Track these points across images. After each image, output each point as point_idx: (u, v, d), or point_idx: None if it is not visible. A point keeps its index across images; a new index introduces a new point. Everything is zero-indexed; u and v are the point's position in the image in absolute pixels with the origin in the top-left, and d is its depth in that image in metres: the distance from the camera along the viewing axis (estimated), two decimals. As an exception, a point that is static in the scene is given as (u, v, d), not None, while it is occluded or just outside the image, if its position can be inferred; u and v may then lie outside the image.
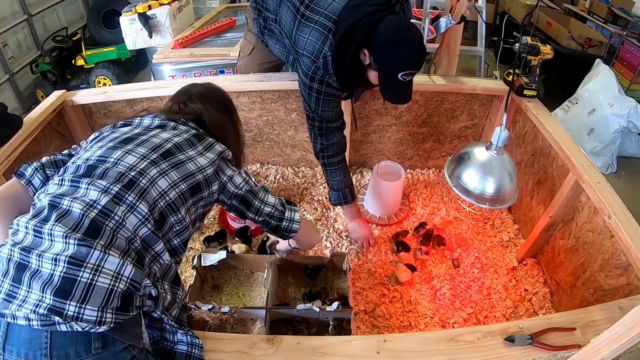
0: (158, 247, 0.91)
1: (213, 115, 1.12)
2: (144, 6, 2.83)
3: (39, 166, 1.01)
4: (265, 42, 1.75)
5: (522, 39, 1.62)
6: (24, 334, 0.75)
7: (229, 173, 1.07)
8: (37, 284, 0.76)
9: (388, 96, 1.43)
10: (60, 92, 1.84)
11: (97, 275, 0.77)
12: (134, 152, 0.94)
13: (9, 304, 0.75)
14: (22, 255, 0.79)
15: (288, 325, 1.45)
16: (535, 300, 1.60)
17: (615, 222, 1.20)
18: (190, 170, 0.97)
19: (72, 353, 0.76)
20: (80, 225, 0.81)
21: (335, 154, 1.62)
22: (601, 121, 2.86)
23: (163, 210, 0.92)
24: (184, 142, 1.00)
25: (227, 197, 1.09)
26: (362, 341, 1.02)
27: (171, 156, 0.96)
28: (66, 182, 0.89)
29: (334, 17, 1.35)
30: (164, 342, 0.98)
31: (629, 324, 0.75)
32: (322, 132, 1.56)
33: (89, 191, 0.86)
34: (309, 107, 1.51)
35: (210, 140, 1.05)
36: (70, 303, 0.75)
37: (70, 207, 0.83)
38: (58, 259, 0.77)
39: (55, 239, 0.79)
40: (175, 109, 1.11)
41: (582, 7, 3.89)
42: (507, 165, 1.35)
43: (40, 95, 3.68)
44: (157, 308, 0.89)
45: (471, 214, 1.75)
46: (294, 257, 1.68)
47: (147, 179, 0.90)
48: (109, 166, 0.90)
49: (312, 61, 1.39)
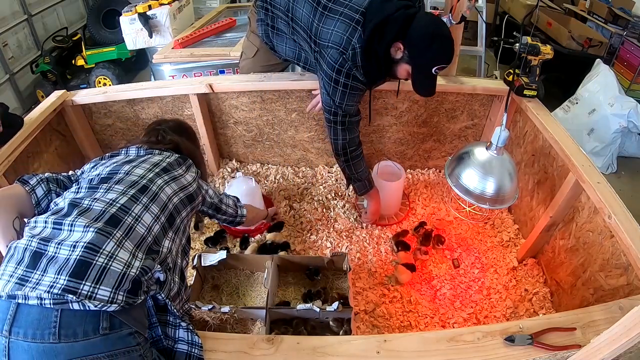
0: (167, 243, 1.02)
1: (186, 144, 1.31)
2: (144, 6, 2.83)
3: (44, 179, 1.07)
4: (271, 44, 1.73)
5: (522, 39, 1.62)
6: (33, 314, 0.78)
7: (205, 187, 1.28)
8: (53, 268, 0.81)
9: (421, 89, 1.44)
10: (61, 92, 1.84)
11: (111, 261, 0.85)
12: (139, 167, 1.08)
13: (22, 287, 0.79)
14: (40, 244, 0.84)
15: (288, 326, 1.45)
16: (536, 300, 1.60)
17: (616, 222, 1.20)
18: (184, 183, 1.15)
19: (80, 332, 0.79)
20: (101, 217, 0.90)
21: (357, 146, 1.65)
22: (601, 121, 2.86)
23: (171, 212, 1.06)
24: (174, 162, 1.17)
25: (207, 207, 1.32)
26: (362, 341, 1.02)
27: (168, 172, 1.12)
28: (84, 189, 1.00)
29: (361, 9, 1.35)
30: (165, 341, 0.99)
31: (629, 324, 0.75)
32: (344, 127, 1.57)
33: (108, 193, 0.97)
34: (333, 101, 1.50)
35: (189, 163, 1.23)
36: (85, 283, 0.80)
37: (92, 205, 0.93)
38: (76, 245, 0.84)
39: (76, 229, 0.87)
40: (154, 140, 1.26)
41: (582, 7, 3.89)
42: (507, 165, 1.35)
43: (41, 95, 3.68)
44: (162, 291, 0.95)
45: (471, 214, 1.75)
46: (294, 257, 1.68)
47: (156, 185, 1.05)
48: (122, 176, 1.03)
49: (339, 53, 1.38)
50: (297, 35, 1.55)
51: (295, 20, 1.51)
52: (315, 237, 1.86)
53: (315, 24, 1.42)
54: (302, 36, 1.53)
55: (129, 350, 0.84)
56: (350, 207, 2.02)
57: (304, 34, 1.50)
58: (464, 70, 4.06)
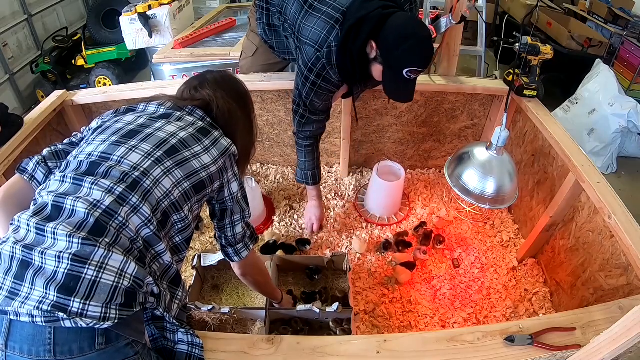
0: (159, 248, 0.90)
1: (223, 102, 1.06)
2: (144, 6, 2.83)
3: (41, 159, 1.00)
4: (270, 42, 1.74)
5: (522, 39, 1.62)
6: (27, 330, 0.75)
7: (230, 174, 1.04)
8: (41, 281, 0.75)
9: (391, 93, 1.41)
10: (61, 92, 1.84)
11: (101, 272, 0.77)
12: (138, 148, 0.91)
13: (12, 301, 0.75)
14: (25, 253, 0.78)
15: (287, 326, 1.45)
16: (535, 300, 1.60)
17: (615, 222, 1.20)
18: (194, 168, 0.94)
19: (76, 349, 0.76)
20: (85, 224, 0.81)
21: (305, 139, 1.68)
22: (601, 121, 2.86)
23: (167, 210, 0.91)
24: (189, 138, 0.96)
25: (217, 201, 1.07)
26: (362, 341, 1.02)
27: (176, 153, 0.93)
28: (68, 179, 0.88)
29: (343, 9, 1.35)
30: (164, 341, 0.98)
31: (629, 324, 0.75)
32: (302, 120, 1.60)
33: (92, 191, 0.85)
34: (299, 94, 1.53)
35: (216, 135, 1.00)
36: (74, 300, 0.74)
37: (74, 207, 0.82)
38: (62, 257, 0.76)
39: (59, 237, 0.79)
40: (186, 95, 1.08)
41: (582, 7, 3.88)
42: (507, 165, 1.35)
43: (41, 95, 3.68)
44: (159, 306, 0.89)
45: (471, 214, 1.75)
46: (294, 257, 1.68)
47: (151, 179, 0.89)
48: (112, 164, 0.88)
49: (315, 50, 1.39)
50: (287, 31, 1.57)
51: (286, 17, 1.52)
52: (315, 237, 1.86)
53: (299, 21, 1.43)
54: (289, 32, 1.55)
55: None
56: (350, 207, 2.02)
57: (290, 30, 1.52)
58: (464, 70, 4.06)
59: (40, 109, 1.72)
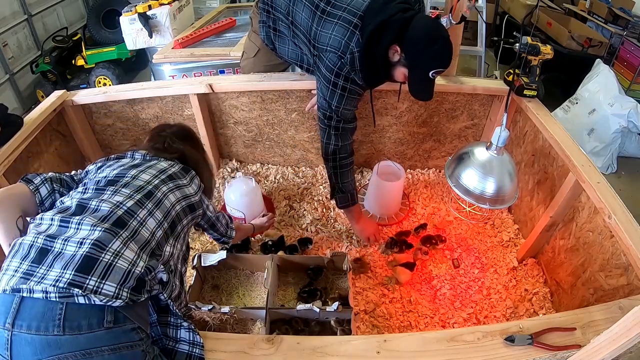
0: (168, 249, 1.03)
1: (191, 152, 1.29)
2: (144, 6, 2.83)
3: (47, 178, 1.07)
4: (273, 46, 1.72)
5: (522, 39, 1.62)
6: (38, 307, 0.79)
7: (206, 202, 1.27)
8: (59, 264, 0.82)
9: (417, 93, 1.42)
10: (61, 92, 1.84)
11: (117, 258, 0.87)
12: (145, 172, 1.08)
13: (27, 280, 0.80)
14: (47, 241, 0.86)
15: (287, 326, 1.45)
16: (536, 300, 1.60)
17: (615, 222, 1.20)
18: (188, 193, 1.15)
19: (85, 325, 0.80)
20: (109, 218, 0.92)
21: (348, 155, 1.61)
22: (601, 121, 2.86)
23: (174, 219, 1.07)
24: (178, 172, 1.16)
25: (204, 221, 1.32)
26: (362, 341, 1.02)
27: (175, 179, 1.13)
28: (91, 189, 1.01)
29: (359, 12, 1.34)
30: (166, 341, 0.99)
31: (629, 324, 0.75)
32: (338, 133, 1.54)
33: (115, 195, 0.98)
34: (329, 105, 1.48)
35: (193, 174, 1.22)
36: (91, 278, 0.82)
37: (99, 206, 0.94)
38: (84, 242, 0.86)
39: (83, 227, 0.89)
40: (160, 147, 1.24)
41: (582, 7, 3.88)
42: (507, 165, 1.35)
43: (41, 95, 3.68)
44: (164, 291, 0.97)
45: (471, 214, 1.75)
46: (294, 257, 1.68)
47: (161, 192, 1.06)
48: (128, 180, 1.04)
49: (338, 57, 1.38)
50: (297, 38, 1.55)
51: (295, 24, 1.51)
52: (315, 237, 1.86)
53: (314, 28, 1.41)
54: (302, 40, 1.53)
55: (132, 345, 0.84)
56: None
57: (304, 38, 1.50)
58: (464, 70, 4.07)
59: (40, 109, 1.73)
